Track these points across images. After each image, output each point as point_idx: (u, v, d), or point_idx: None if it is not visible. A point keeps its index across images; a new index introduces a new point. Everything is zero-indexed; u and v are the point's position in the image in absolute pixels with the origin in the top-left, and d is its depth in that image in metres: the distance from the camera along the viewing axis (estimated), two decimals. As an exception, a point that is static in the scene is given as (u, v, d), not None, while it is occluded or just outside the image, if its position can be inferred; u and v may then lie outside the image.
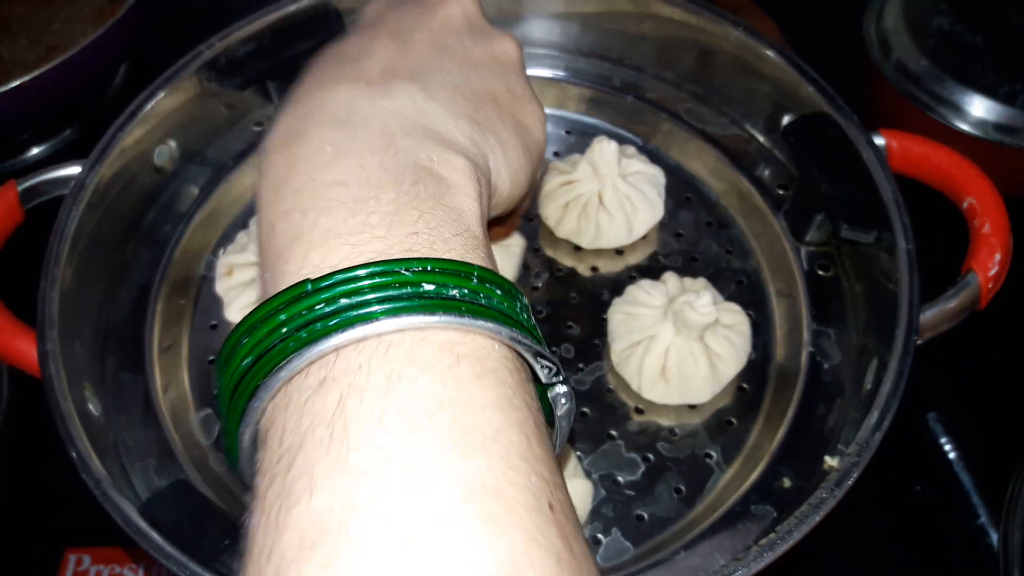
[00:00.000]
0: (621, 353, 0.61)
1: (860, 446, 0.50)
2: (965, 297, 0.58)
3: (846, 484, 0.49)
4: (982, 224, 0.61)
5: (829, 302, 0.63)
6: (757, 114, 0.72)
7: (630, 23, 0.75)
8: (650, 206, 0.68)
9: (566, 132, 0.76)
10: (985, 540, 0.67)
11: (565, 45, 0.78)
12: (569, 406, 0.38)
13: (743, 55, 0.70)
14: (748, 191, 0.70)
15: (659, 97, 0.75)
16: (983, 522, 0.68)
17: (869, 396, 0.55)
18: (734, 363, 0.60)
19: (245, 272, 0.64)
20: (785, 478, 0.56)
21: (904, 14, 0.82)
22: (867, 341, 0.60)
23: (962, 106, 0.77)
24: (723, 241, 0.69)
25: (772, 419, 0.60)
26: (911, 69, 0.79)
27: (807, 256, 0.66)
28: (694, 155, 0.73)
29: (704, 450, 0.59)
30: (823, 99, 0.65)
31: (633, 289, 0.63)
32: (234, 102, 0.74)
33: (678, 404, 0.61)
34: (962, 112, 0.77)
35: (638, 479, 0.58)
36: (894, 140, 0.65)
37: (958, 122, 0.77)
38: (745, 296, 0.66)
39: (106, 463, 0.53)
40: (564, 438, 0.40)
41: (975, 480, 0.70)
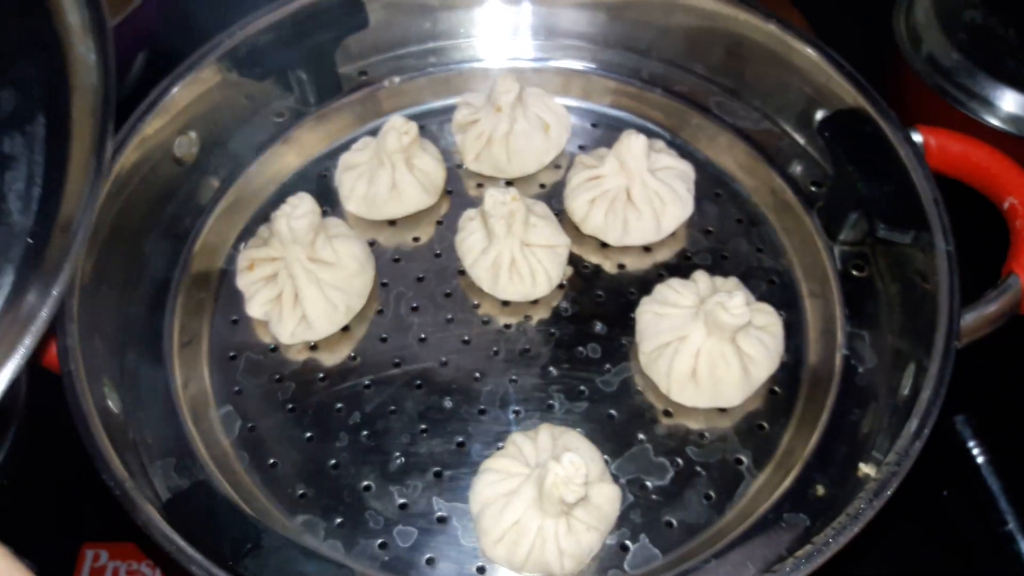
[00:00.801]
0: (650, 354, 0.60)
1: (899, 455, 0.49)
2: (1006, 300, 0.57)
3: (885, 495, 0.48)
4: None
5: (863, 303, 0.62)
6: (790, 109, 0.70)
7: (659, 14, 0.73)
8: (679, 202, 0.66)
9: (592, 125, 0.75)
10: (1012, 547, 0.66)
11: (592, 36, 0.77)
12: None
13: (776, 48, 0.68)
14: (780, 187, 0.68)
15: (688, 90, 0.74)
16: (1011, 528, 0.66)
17: (907, 402, 0.53)
18: (767, 365, 0.59)
19: (266, 267, 0.62)
20: (819, 486, 0.54)
21: (935, 7, 0.80)
22: (902, 344, 0.58)
23: (994, 101, 0.75)
24: (754, 239, 0.67)
25: (805, 424, 0.58)
26: (942, 63, 0.77)
27: (841, 255, 0.64)
28: (724, 150, 0.71)
29: (735, 455, 0.58)
30: (859, 94, 0.63)
31: (662, 288, 0.62)
32: (255, 92, 0.73)
33: (708, 407, 0.59)
34: (994, 107, 0.75)
35: (667, 484, 0.57)
36: (932, 137, 0.63)
37: (989, 117, 0.75)
38: (777, 296, 0.64)
39: (125, 461, 0.52)
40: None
41: (1004, 485, 0.68)
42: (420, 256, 0.67)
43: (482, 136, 0.70)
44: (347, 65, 0.76)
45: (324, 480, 0.57)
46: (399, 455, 0.58)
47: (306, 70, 0.72)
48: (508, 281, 0.63)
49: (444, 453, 0.58)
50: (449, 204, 0.71)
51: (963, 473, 0.69)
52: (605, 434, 0.59)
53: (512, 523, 0.52)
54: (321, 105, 0.74)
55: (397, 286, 0.66)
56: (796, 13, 0.96)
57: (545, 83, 0.76)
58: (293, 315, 0.61)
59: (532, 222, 0.64)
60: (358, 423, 0.59)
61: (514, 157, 0.70)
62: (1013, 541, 0.66)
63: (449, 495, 0.56)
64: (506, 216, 0.61)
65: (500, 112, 0.69)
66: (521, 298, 0.64)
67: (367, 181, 0.68)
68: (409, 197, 0.68)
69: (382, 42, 0.76)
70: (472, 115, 0.71)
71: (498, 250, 0.63)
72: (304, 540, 0.54)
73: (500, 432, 0.58)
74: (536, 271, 0.63)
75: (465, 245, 0.65)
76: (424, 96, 0.76)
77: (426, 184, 0.68)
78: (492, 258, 0.63)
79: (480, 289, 0.64)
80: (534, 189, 0.71)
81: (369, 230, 0.69)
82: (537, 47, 0.78)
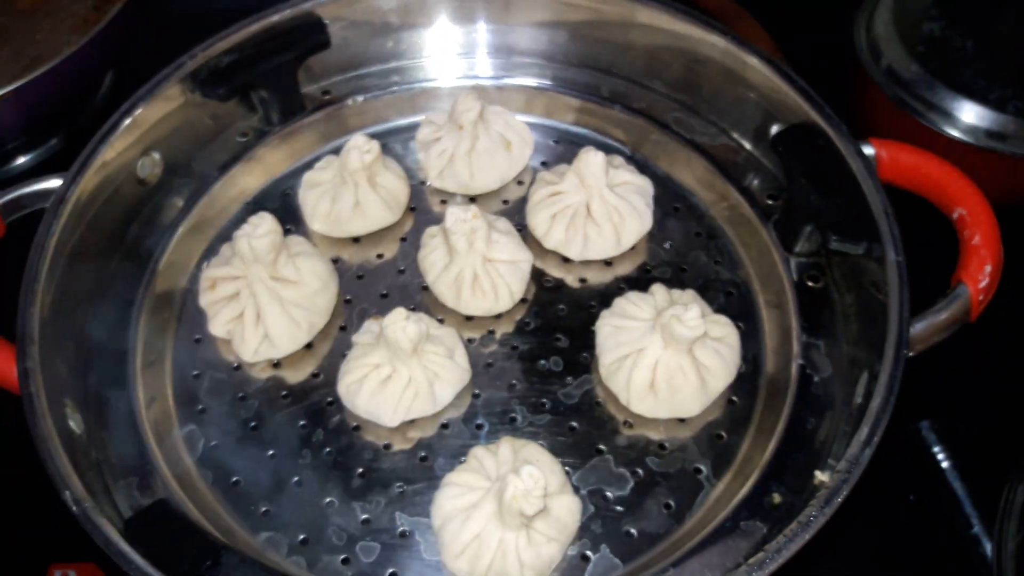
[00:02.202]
0: (609, 366, 0.61)
1: (850, 463, 0.50)
2: (956, 309, 0.58)
3: (835, 502, 0.49)
4: (972, 235, 0.60)
5: (819, 313, 0.63)
6: (746, 123, 0.72)
7: (617, 32, 0.74)
8: (638, 217, 0.67)
9: (554, 142, 0.76)
10: (979, 550, 0.66)
11: (553, 54, 0.78)
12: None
13: (731, 64, 0.69)
14: (737, 201, 0.69)
15: (647, 106, 0.75)
16: (977, 531, 0.67)
17: (860, 410, 0.54)
18: (724, 376, 0.60)
19: (228, 286, 0.63)
20: (775, 494, 0.55)
21: (894, 20, 0.81)
22: (857, 353, 0.60)
23: (953, 112, 0.76)
24: (712, 252, 0.68)
25: (762, 432, 0.59)
26: (901, 75, 0.78)
27: (797, 267, 0.65)
28: (683, 165, 0.72)
29: (694, 464, 0.59)
30: (811, 108, 0.65)
31: (621, 301, 0.63)
32: (219, 112, 0.73)
33: (667, 418, 0.60)
34: (953, 118, 0.76)
35: (627, 494, 0.57)
36: (884, 149, 0.65)
37: (949, 128, 0.76)
38: (735, 307, 0.65)
39: (87, 481, 0.52)
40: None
41: (969, 489, 0.69)
42: (384, 273, 0.68)
43: (445, 153, 0.71)
44: (310, 85, 0.76)
45: (287, 497, 0.57)
46: (362, 471, 0.58)
47: (269, 90, 0.73)
48: (471, 296, 0.64)
49: (407, 468, 0.58)
50: (413, 221, 0.71)
51: (929, 478, 0.70)
52: (567, 446, 0.59)
53: (473, 536, 0.52)
54: (285, 124, 0.75)
55: (361, 303, 0.66)
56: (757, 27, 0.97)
57: (508, 101, 0.77)
58: (255, 334, 0.61)
59: (494, 238, 0.64)
60: (321, 440, 0.59)
61: (477, 174, 0.71)
62: (978, 544, 0.66)
63: (412, 510, 0.57)
64: (467, 233, 0.62)
65: (462, 130, 0.70)
66: (484, 313, 0.65)
67: (330, 199, 0.68)
68: (372, 214, 0.68)
69: (345, 61, 0.77)
70: (435, 133, 0.72)
71: (460, 266, 0.63)
72: (267, 557, 0.54)
73: (463, 446, 0.59)
74: (499, 286, 0.64)
75: (428, 261, 0.65)
76: (388, 114, 0.77)
77: (389, 201, 0.69)
78: (454, 274, 0.64)
79: (444, 305, 0.65)
80: (497, 205, 0.72)
81: (333, 247, 0.69)
82: (499, 65, 0.79)
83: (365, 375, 0.59)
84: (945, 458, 0.71)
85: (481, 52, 0.79)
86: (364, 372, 0.59)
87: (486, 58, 0.79)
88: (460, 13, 0.78)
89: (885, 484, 0.69)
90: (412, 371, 0.58)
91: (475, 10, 0.77)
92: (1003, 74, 0.76)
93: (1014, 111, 0.74)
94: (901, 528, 0.68)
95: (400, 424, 0.59)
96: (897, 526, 0.69)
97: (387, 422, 0.58)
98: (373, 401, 0.58)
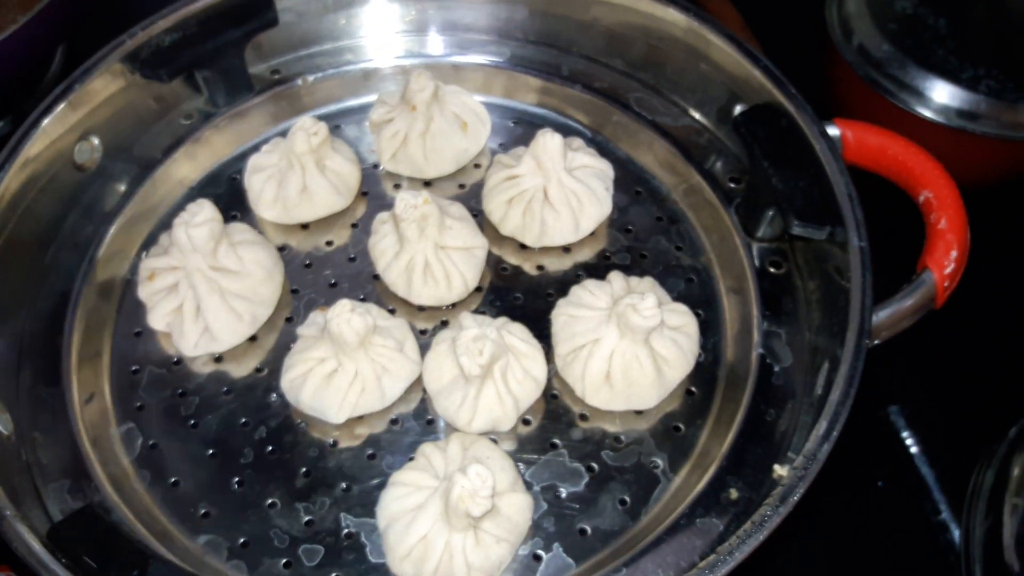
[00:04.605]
0: (565, 357, 0.59)
1: (807, 458, 0.48)
2: (921, 296, 0.56)
3: (791, 500, 0.47)
4: (938, 219, 0.58)
5: (781, 300, 0.61)
6: (710, 104, 0.69)
7: (578, 9, 0.72)
8: (597, 202, 0.65)
9: (513, 123, 0.73)
10: (947, 535, 0.66)
11: (512, 32, 0.75)
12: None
13: (694, 43, 0.67)
14: (699, 185, 0.67)
15: (609, 86, 0.72)
16: (945, 517, 0.67)
17: (820, 402, 0.52)
18: (681, 366, 0.58)
19: (167, 277, 0.60)
20: (732, 489, 0.53)
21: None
22: (819, 341, 0.58)
23: (924, 92, 0.74)
24: (673, 237, 0.66)
25: (721, 424, 0.57)
26: (873, 54, 0.76)
27: (759, 252, 0.63)
28: (645, 147, 0.70)
29: (650, 458, 0.57)
30: (775, 88, 0.62)
31: (577, 290, 0.61)
32: (162, 94, 0.70)
33: (623, 410, 0.58)
34: (925, 98, 0.74)
35: (581, 490, 0.55)
36: (849, 130, 0.63)
37: (920, 108, 0.74)
38: (695, 294, 0.63)
39: (13, 485, 0.50)
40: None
41: (937, 474, 0.68)
42: (333, 261, 0.65)
43: (397, 135, 0.68)
44: (259, 64, 0.73)
45: (228, 498, 0.55)
46: (306, 470, 0.56)
47: (214, 70, 0.70)
48: (422, 285, 0.61)
49: (354, 466, 0.56)
50: (365, 206, 0.69)
51: (898, 464, 0.69)
52: (520, 441, 0.57)
53: (419, 538, 0.50)
54: (232, 106, 0.72)
55: (308, 293, 0.64)
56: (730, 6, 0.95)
57: (465, 80, 0.74)
58: (195, 327, 0.59)
59: (448, 224, 0.62)
60: (264, 438, 0.57)
61: (431, 156, 0.68)
62: (947, 530, 0.66)
63: (358, 510, 0.54)
64: (418, 219, 0.60)
65: (415, 111, 0.67)
66: (436, 302, 0.62)
67: (276, 184, 0.65)
68: (321, 200, 0.66)
69: (295, 39, 0.74)
70: (387, 114, 0.69)
71: (411, 254, 0.61)
72: (206, 562, 0.52)
73: (413, 443, 0.57)
74: (451, 274, 0.62)
75: (378, 249, 0.63)
76: (340, 94, 0.74)
77: (339, 186, 0.66)
78: (405, 262, 0.61)
79: (395, 294, 0.63)
80: (453, 189, 0.70)
81: (280, 234, 0.67)
82: (456, 43, 0.76)
83: (309, 369, 0.56)
84: (914, 443, 0.70)
85: (438, 29, 0.76)
86: (308, 366, 0.56)
87: (443, 36, 0.76)
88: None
89: (855, 470, 0.68)
90: (359, 365, 0.56)
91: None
92: (975, 53, 0.74)
93: (986, 91, 0.72)
94: (870, 514, 0.67)
95: (347, 420, 0.57)
96: (866, 512, 0.67)
97: (333, 418, 0.56)
98: (318, 397, 0.56)
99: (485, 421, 0.56)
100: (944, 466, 0.68)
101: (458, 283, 0.62)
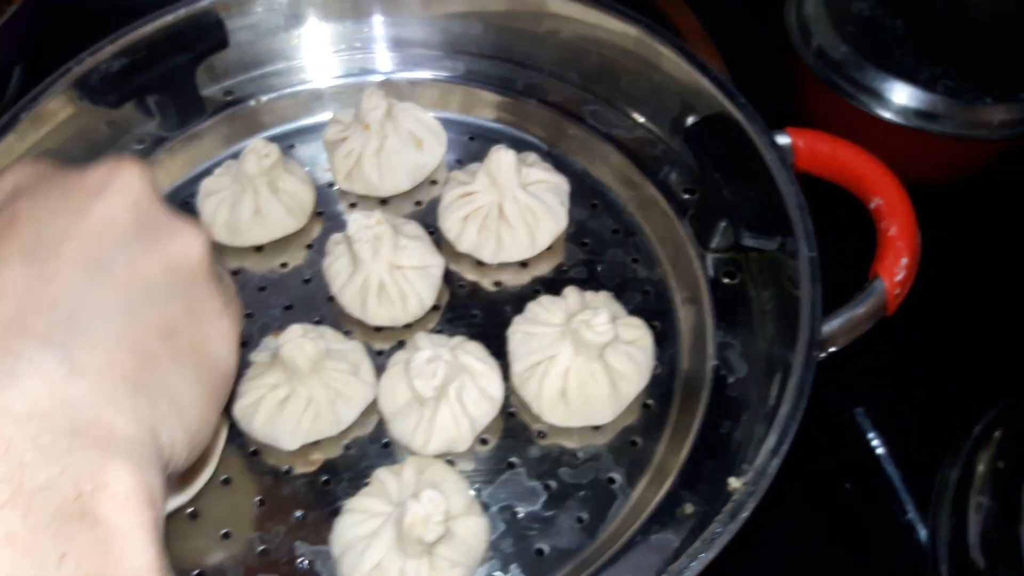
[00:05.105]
0: (521, 375, 0.59)
1: (757, 473, 0.48)
2: (872, 305, 0.56)
3: (741, 517, 0.47)
4: (889, 227, 0.59)
5: (735, 311, 0.61)
6: (663, 115, 0.69)
7: (531, 22, 0.72)
8: (553, 216, 0.65)
9: (469, 138, 0.73)
10: (914, 536, 0.66)
11: (467, 47, 0.75)
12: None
13: (644, 54, 0.67)
14: (654, 196, 0.67)
15: (563, 100, 0.72)
16: (911, 518, 0.66)
17: (772, 414, 0.52)
18: (637, 380, 0.58)
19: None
20: (687, 504, 0.53)
21: (824, 0, 0.79)
22: (774, 352, 0.58)
23: (883, 93, 0.74)
24: (629, 249, 0.66)
25: (678, 436, 0.57)
26: (831, 56, 0.76)
27: (713, 263, 0.63)
28: (600, 160, 0.70)
29: (608, 474, 0.57)
30: (724, 97, 0.62)
31: (533, 306, 0.61)
32: (114, 119, 0.70)
33: (581, 426, 0.58)
34: (883, 99, 0.74)
35: (539, 509, 0.55)
36: (800, 139, 0.63)
37: (879, 109, 0.74)
38: (651, 306, 0.63)
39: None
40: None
41: (903, 475, 0.68)
42: (288, 283, 0.65)
43: (351, 154, 0.68)
44: (211, 86, 0.73)
45: (181, 530, 0.55)
46: (260, 499, 0.56)
47: (165, 94, 0.69)
48: (377, 306, 0.61)
49: (309, 493, 0.56)
50: (321, 226, 0.68)
51: (864, 465, 0.69)
52: (478, 460, 0.57)
53: (373, 566, 0.50)
54: (185, 128, 0.71)
55: (262, 317, 0.63)
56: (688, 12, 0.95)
57: (421, 96, 0.74)
58: (149, 355, 0.58)
59: (402, 243, 0.62)
60: (216, 467, 0.57)
61: (386, 175, 0.68)
62: (913, 531, 0.66)
63: (313, 538, 0.54)
64: (371, 240, 0.60)
65: (368, 129, 0.67)
66: (392, 323, 0.62)
67: (229, 207, 0.65)
68: (274, 222, 0.65)
69: (247, 60, 0.74)
70: (341, 133, 0.69)
71: (365, 275, 0.61)
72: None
73: (369, 467, 0.56)
74: (407, 294, 0.61)
75: (332, 270, 0.63)
76: (295, 114, 0.74)
77: (292, 207, 0.66)
78: (359, 283, 0.61)
79: (350, 316, 0.62)
80: (410, 207, 0.69)
81: (235, 258, 0.66)
82: (413, 59, 0.76)
83: (261, 396, 0.56)
84: (880, 444, 0.70)
85: (392, 46, 0.76)
86: (260, 393, 0.56)
87: (397, 52, 0.76)
88: (371, 5, 0.74)
89: (821, 472, 0.68)
90: (312, 391, 0.56)
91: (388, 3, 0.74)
92: (932, 53, 0.75)
93: (943, 91, 0.73)
94: (837, 516, 0.67)
95: (301, 447, 0.56)
96: (833, 514, 0.67)
97: (286, 445, 0.56)
98: (270, 424, 0.56)
99: (441, 443, 0.55)
100: (911, 466, 0.68)
101: (414, 303, 0.61)
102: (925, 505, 0.65)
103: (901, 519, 0.67)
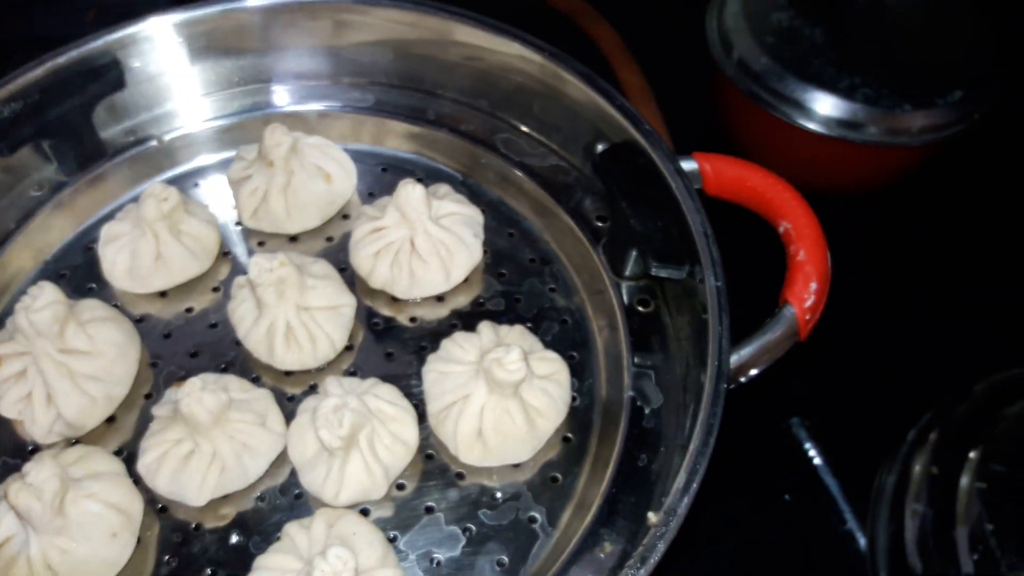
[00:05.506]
0: (437, 415, 0.57)
1: (668, 514, 0.47)
2: (783, 331, 0.56)
3: (651, 561, 0.46)
4: (798, 251, 0.59)
5: (650, 339, 0.61)
6: (575, 142, 0.69)
7: (437, 49, 0.71)
8: (466, 249, 0.64)
9: (382, 169, 0.72)
10: (853, 545, 0.66)
11: (377, 76, 0.74)
12: None
13: (550, 82, 0.66)
14: (569, 225, 0.66)
15: (475, 129, 0.71)
16: (851, 527, 0.67)
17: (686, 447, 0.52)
18: (553, 416, 0.57)
19: (15, 363, 0.57)
20: (607, 542, 0.52)
21: (744, 11, 0.78)
22: (689, 379, 0.57)
23: (805, 103, 0.74)
24: (547, 279, 0.66)
25: (598, 469, 0.57)
26: (752, 68, 0.76)
27: (628, 291, 0.63)
28: (515, 188, 0.69)
29: (528, 513, 0.56)
30: (629, 124, 0.62)
31: (447, 344, 0.59)
32: (11, 164, 0.67)
33: (499, 465, 0.57)
34: (805, 109, 0.74)
35: (458, 555, 0.54)
36: (708, 163, 0.63)
37: (801, 120, 0.74)
38: (570, 336, 0.63)
39: None
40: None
41: (841, 484, 0.68)
42: (193, 328, 0.63)
43: (257, 192, 0.66)
44: (112, 126, 0.71)
45: (86, 595, 0.52)
46: (168, 557, 0.54)
47: (61, 138, 0.67)
48: (285, 350, 0.60)
49: (219, 550, 0.54)
50: (228, 267, 0.67)
51: (802, 476, 0.69)
52: (395, 507, 0.56)
53: (283, 625, 0.48)
54: (85, 172, 0.69)
55: (168, 365, 0.61)
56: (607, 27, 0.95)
57: (331, 128, 0.72)
58: (47, 413, 0.56)
59: (309, 284, 0.60)
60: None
61: (294, 212, 0.67)
62: (853, 540, 0.66)
63: (224, 597, 0.52)
64: (275, 283, 0.58)
65: (273, 167, 0.65)
66: (301, 367, 0.60)
67: (129, 253, 0.63)
68: (177, 266, 0.63)
69: (148, 98, 0.71)
70: (245, 170, 0.67)
71: (271, 318, 0.59)
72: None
73: (280, 520, 0.55)
74: (316, 336, 0.60)
75: (237, 314, 0.61)
76: (200, 151, 0.72)
77: (196, 250, 0.64)
78: (265, 327, 0.59)
79: (259, 360, 0.61)
80: (321, 243, 0.68)
81: (139, 304, 0.64)
82: (322, 91, 0.74)
83: (165, 452, 0.54)
84: (817, 455, 0.70)
85: (300, 77, 0.74)
86: (164, 449, 0.54)
87: (306, 84, 0.74)
88: (277, 37, 0.73)
89: (759, 484, 0.68)
90: (216, 445, 0.54)
91: (293, 33, 0.73)
92: (851, 62, 0.75)
93: (863, 99, 0.73)
94: (778, 528, 0.67)
95: (210, 501, 0.55)
96: (774, 526, 0.67)
97: (193, 502, 0.54)
98: (176, 480, 0.54)
99: (353, 493, 0.54)
100: (848, 475, 0.68)
101: (324, 345, 0.60)
102: (863, 513, 0.65)
103: (840, 528, 0.67)
